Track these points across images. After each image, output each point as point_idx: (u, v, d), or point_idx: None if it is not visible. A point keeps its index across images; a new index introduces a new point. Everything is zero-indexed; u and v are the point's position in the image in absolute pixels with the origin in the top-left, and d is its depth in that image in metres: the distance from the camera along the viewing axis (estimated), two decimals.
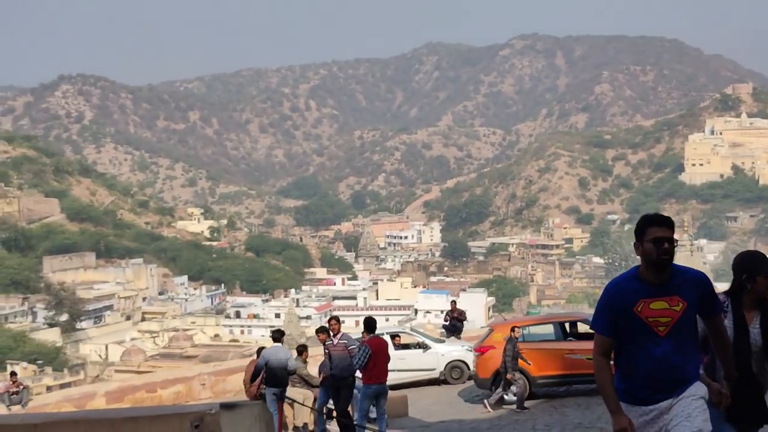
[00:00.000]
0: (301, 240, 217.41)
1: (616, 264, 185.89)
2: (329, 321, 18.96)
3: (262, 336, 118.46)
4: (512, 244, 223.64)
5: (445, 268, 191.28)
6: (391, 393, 22.33)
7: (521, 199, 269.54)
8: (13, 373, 23.88)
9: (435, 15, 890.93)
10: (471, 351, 27.01)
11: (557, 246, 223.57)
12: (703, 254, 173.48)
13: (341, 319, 20.19)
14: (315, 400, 20.16)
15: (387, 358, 18.59)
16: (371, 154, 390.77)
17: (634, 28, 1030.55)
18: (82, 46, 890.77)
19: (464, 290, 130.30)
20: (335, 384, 18.02)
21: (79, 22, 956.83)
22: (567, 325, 23.74)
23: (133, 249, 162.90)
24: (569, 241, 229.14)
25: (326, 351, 18.50)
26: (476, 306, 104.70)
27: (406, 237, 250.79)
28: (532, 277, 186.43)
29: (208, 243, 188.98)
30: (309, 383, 21.02)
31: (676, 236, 7.30)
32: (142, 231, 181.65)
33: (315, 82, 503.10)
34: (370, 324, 19.00)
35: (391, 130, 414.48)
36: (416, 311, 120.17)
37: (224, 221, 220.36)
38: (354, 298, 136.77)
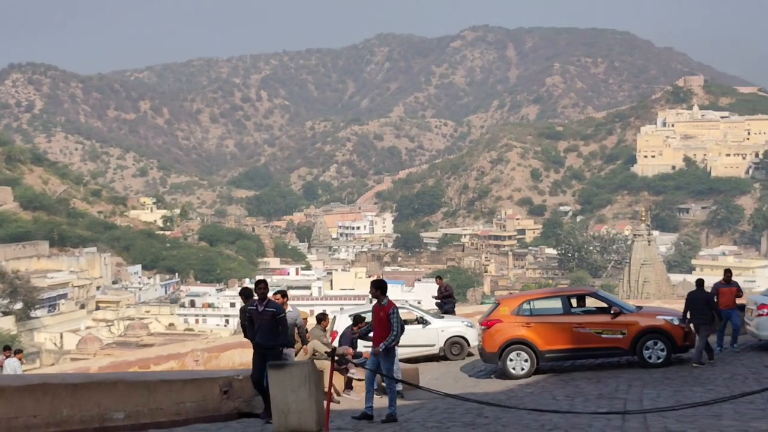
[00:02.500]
0: (253, 230, 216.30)
1: (569, 255, 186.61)
2: (257, 284, 17.18)
3: (217, 325, 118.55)
4: (465, 235, 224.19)
5: (399, 259, 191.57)
6: (403, 365, 22.13)
7: (473, 191, 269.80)
8: (6, 347, 23.27)
9: (386, 6, 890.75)
10: (471, 327, 26.77)
11: (510, 237, 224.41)
12: (656, 246, 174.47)
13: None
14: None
15: None
16: (323, 144, 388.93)
17: (584, 21, 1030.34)
18: (32, 34, 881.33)
19: (419, 280, 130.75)
20: (261, 352, 16.56)
21: (29, 11, 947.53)
22: (574, 300, 23.52)
23: (86, 238, 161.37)
24: (522, 232, 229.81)
25: (248, 315, 17.15)
26: (432, 295, 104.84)
27: (358, 228, 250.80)
28: (485, 267, 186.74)
29: (161, 232, 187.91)
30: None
31: (630, 227, 6.85)
32: (95, 220, 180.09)
33: (266, 72, 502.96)
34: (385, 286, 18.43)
35: (343, 120, 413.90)
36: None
37: (177, 211, 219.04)
38: (308, 287, 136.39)
